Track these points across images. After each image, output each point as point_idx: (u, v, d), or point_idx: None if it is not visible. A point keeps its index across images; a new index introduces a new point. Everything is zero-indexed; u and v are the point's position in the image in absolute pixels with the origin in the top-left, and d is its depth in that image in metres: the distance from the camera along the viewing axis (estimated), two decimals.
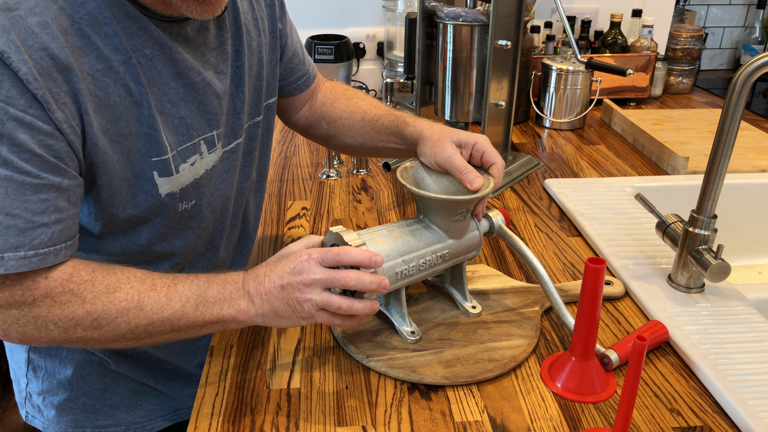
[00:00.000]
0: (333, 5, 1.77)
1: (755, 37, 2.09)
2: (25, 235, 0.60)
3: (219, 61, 0.78)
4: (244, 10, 0.83)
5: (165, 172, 0.73)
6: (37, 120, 0.59)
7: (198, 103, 0.75)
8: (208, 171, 0.79)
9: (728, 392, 0.71)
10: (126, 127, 0.68)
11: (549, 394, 0.74)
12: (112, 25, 0.65)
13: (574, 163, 1.39)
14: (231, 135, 0.83)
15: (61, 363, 0.90)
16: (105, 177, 0.68)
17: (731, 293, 0.89)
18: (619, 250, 1.00)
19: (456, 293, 0.87)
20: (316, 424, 0.69)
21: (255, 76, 0.86)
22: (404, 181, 0.78)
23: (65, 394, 0.91)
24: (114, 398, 0.93)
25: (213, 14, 0.69)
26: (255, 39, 0.85)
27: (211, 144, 0.78)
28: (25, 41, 0.58)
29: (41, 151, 0.60)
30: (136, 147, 0.70)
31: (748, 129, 1.55)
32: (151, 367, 0.94)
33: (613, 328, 0.85)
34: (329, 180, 1.30)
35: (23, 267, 0.61)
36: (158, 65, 0.70)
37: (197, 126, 0.76)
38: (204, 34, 0.75)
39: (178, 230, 0.80)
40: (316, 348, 0.81)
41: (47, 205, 0.61)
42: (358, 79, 1.83)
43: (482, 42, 1.17)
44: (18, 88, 0.58)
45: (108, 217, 0.73)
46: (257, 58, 0.85)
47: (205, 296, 0.68)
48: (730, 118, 0.80)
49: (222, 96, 0.78)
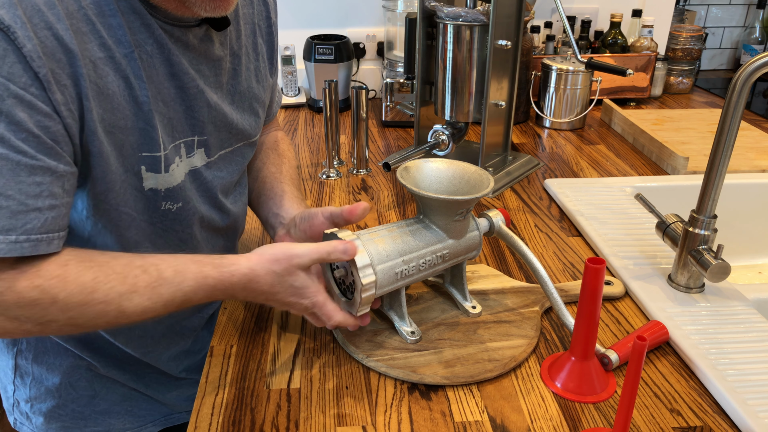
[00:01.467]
0: (333, 5, 1.77)
1: (755, 37, 2.09)
2: (18, 218, 0.58)
3: (213, 75, 0.78)
4: (247, 32, 0.84)
5: (153, 168, 0.72)
6: (36, 100, 0.58)
7: (186, 106, 0.75)
8: (188, 175, 0.79)
9: (728, 392, 0.71)
10: (122, 120, 0.67)
11: (549, 394, 0.74)
12: (116, 18, 0.65)
13: (574, 163, 1.39)
14: (218, 146, 0.82)
15: (49, 369, 0.89)
16: (100, 169, 0.67)
17: (731, 293, 0.89)
18: (619, 250, 1.00)
19: (456, 293, 0.87)
20: (316, 424, 0.69)
21: (252, 97, 0.86)
22: (404, 181, 0.78)
23: (53, 401, 0.90)
24: (103, 404, 0.93)
25: (225, 11, 0.69)
26: (253, 62, 0.86)
27: (189, 148, 0.78)
28: (31, 18, 0.57)
29: (39, 132, 0.58)
30: (128, 141, 0.69)
31: (748, 129, 1.55)
32: (140, 372, 0.94)
33: (613, 328, 0.85)
34: (329, 180, 1.30)
35: (13, 252, 0.57)
36: (156, 63, 0.70)
37: (180, 128, 0.75)
38: (206, 44, 0.75)
39: (161, 229, 0.79)
40: (316, 348, 0.81)
41: (42, 188, 0.59)
42: (358, 79, 1.83)
43: (482, 42, 1.17)
44: (21, 64, 0.56)
45: (101, 214, 0.72)
46: (254, 81, 0.86)
47: (191, 300, 0.67)
48: (730, 118, 0.80)
49: (213, 106, 0.78)
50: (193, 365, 0.98)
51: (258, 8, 0.87)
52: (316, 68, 1.66)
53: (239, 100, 0.84)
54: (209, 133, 0.80)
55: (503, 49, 1.17)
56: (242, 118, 0.85)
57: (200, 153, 0.80)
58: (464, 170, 0.82)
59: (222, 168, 0.85)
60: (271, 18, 0.89)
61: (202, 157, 0.81)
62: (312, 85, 1.72)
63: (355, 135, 1.30)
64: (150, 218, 0.77)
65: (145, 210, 0.75)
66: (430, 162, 0.83)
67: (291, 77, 1.71)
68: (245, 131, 0.86)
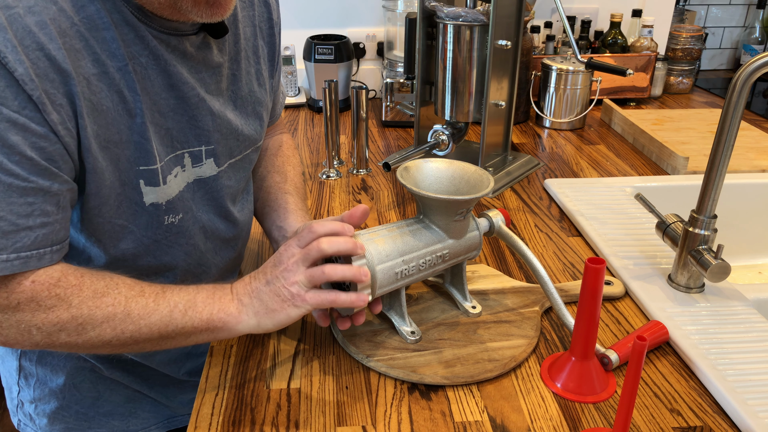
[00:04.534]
0: (333, 5, 1.77)
1: (755, 37, 2.09)
2: (8, 238, 0.60)
3: (214, 82, 0.77)
4: (246, 36, 0.83)
5: (152, 182, 0.72)
6: (30, 122, 0.59)
7: (189, 116, 0.75)
8: (190, 185, 0.79)
9: (728, 392, 0.71)
10: (117, 134, 0.68)
11: (549, 394, 0.74)
12: (110, 31, 0.65)
13: (574, 163, 1.39)
14: (227, 154, 0.82)
15: (52, 371, 0.89)
16: (94, 184, 0.68)
17: (731, 293, 0.89)
18: (619, 250, 1.00)
19: (456, 293, 0.87)
20: (316, 424, 0.69)
21: (255, 102, 0.86)
22: (404, 181, 0.78)
23: (57, 402, 0.91)
24: (107, 406, 0.93)
25: (222, 16, 0.69)
26: (254, 66, 0.85)
27: (196, 158, 0.78)
28: (22, 41, 0.58)
29: (32, 154, 0.59)
30: (125, 155, 0.69)
31: (748, 129, 1.55)
32: (143, 374, 0.94)
33: (613, 328, 0.85)
34: (329, 180, 1.30)
35: (5, 270, 0.60)
36: (152, 75, 0.69)
37: (183, 138, 0.75)
38: (204, 52, 0.75)
39: (165, 245, 0.79)
40: (316, 348, 0.81)
41: (33, 208, 0.61)
42: (358, 79, 1.83)
43: (482, 42, 1.17)
44: (13, 88, 0.57)
45: (93, 227, 0.72)
46: (256, 85, 0.86)
47: (195, 301, 0.68)
48: (730, 118, 0.80)
49: (217, 114, 0.78)
50: (196, 368, 0.98)
51: (259, 9, 0.86)
52: (316, 68, 1.66)
53: (242, 106, 0.83)
54: (216, 141, 0.79)
55: (503, 49, 1.17)
56: (246, 124, 0.84)
57: (210, 163, 0.80)
58: (464, 170, 0.82)
59: (231, 176, 0.85)
60: (273, 19, 0.89)
61: (212, 167, 0.80)
62: (312, 85, 1.72)
63: (355, 135, 1.30)
64: (154, 234, 0.77)
65: (147, 225, 0.75)
66: (430, 162, 0.83)
67: (291, 77, 1.72)
68: (251, 137, 0.86)
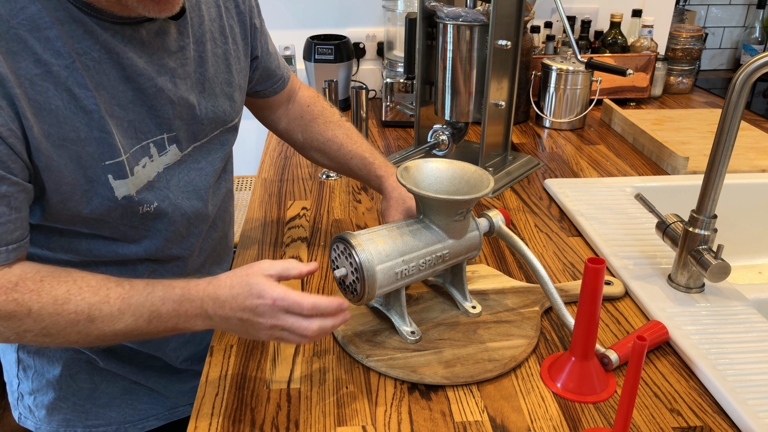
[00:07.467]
0: (333, 5, 1.77)
1: (755, 37, 2.09)
2: None
3: (178, 66, 0.77)
4: (211, 16, 0.83)
5: (120, 175, 0.72)
6: None
7: (148, 107, 0.75)
8: (161, 174, 0.79)
9: (728, 392, 0.71)
10: (72, 132, 0.68)
11: (549, 394, 0.74)
12: (53, 29, 0.65)
13: (574, 163, 1.39)
14: (190, 138, 0.82)
15: (49, 362, 0.90)
16: (52, 182, 0.68)
17: (731, 293, 0.89)
18: (619, 250, 1.00)
19: (456, 293, 0.87)
20: (316, 424, 0.69)
21: (223, 82, 0.85)
22: (404, 181, 0.78)
23: (54, 393, 0.91)
24: (104, 398, 0.93)
25: (170, 12, 0.68)
26: (221, 47, 0.85)
27: (161, 147, 0.78)
28: None
29: None
30: (87, 151, 0.69)
31: (748, 129, 1.55)
32: (140, 365, 0.94)
33: (613, 328, 0.85)
34: (329, 180, 1.30)
35: None
36: (106, 69, 0.69)
37: (145, 129, 0.75)
38: (162, 37, 0.75)
39: (143, 231, 0.80)
40: (316, 348, 0.81)
41: None
42: (358, 79, 1.83)
43: (482, 42, 1.17)
44: None
45: (66, 218, 0.72)
46: (224, 65, 0.85)
47: (159, 312, 0.68)
48: (730, 118, 0.80)
49: (177, 101, 0.78)
50: (194, 355, 0.98)
51: None
52: (316, 68, 1.66)
53: (209, 87, 0.83)
54: (177, 128, 0.80)
55: (503, 49, 1.18)
56: (215, 105, 0.85)
57: (173, 149, 0.80)
58: (464, 170, 0.82)
59: (199, 159, 0.85)
60: None
61: (176, 153, 0.81)
62: (312, 85, 1.72)
63: None
64: (130, 222, 0.77)
65: (122, 216, 0.76)
66: (430, 162, 0.83)
67: None
68: (220, 118, 0.86)
